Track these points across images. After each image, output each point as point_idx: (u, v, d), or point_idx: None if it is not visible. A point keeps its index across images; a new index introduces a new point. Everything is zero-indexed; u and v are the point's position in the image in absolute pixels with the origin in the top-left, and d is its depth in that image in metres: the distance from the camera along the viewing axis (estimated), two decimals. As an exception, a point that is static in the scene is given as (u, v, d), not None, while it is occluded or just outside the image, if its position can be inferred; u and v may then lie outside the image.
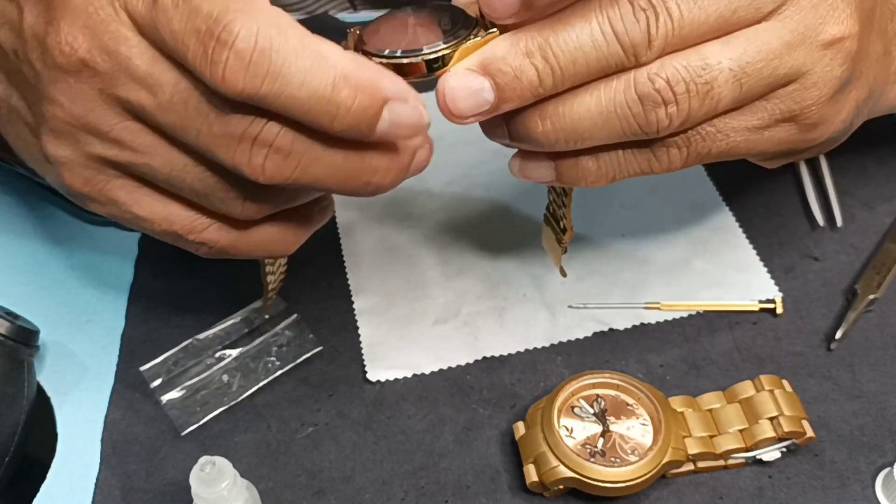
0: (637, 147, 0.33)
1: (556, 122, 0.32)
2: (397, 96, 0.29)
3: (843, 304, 0.46)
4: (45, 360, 0.47)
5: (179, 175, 0.32)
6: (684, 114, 0.31)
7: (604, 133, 0.32)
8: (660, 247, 0.50)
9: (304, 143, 0.29)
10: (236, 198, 0.32)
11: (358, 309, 0.48)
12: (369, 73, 0.29)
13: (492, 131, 0.34)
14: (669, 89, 0.31)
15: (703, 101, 0.31)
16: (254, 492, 0.39)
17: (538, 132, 0.32)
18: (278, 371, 0.45)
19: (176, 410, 0.44)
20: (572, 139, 0.32)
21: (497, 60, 0.30)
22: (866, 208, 0.51)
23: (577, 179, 0.34)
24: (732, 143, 0.33)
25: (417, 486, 0.41)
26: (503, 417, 0.43)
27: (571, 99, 0.31)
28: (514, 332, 0.46)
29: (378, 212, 0.53)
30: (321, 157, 0.30)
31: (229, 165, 0.30)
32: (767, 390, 0.40)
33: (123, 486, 0.41)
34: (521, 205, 0.53)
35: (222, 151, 0.30)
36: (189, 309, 0.49)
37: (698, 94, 0.31)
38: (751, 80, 0.31)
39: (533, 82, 0.30)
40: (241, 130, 0.29)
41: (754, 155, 0.35)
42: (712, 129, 0.33)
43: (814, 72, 0.32)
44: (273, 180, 0.30)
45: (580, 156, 0.34)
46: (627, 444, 0.39)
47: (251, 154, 0.29)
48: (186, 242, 0.34)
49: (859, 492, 0.39)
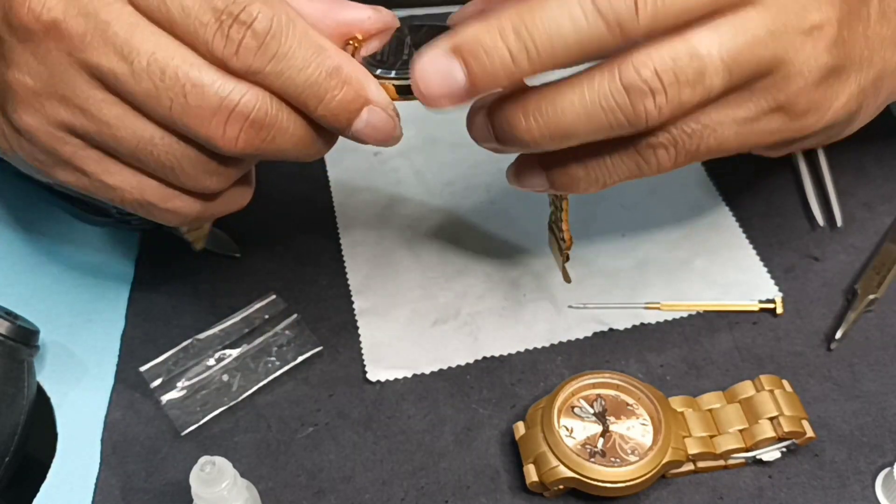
0: (624, 150, 0.33)
1: (539, 119, 0.31)
2: (379, 103, 0.33)
3: (843, 304, 0.46)
4: (45, 360, 0.47)
5: (146, 148, 0.32)
6: (674, 104, 0.30)
7: (589, 128, 0.31)
8: (660, 247, 0.50)
9: (276, 116, 0.31)
10: (203, 172, 0.33)
11: (358, 309, 0.48)
12: (359, 74, 0.32)
13: (478, 134, 0.34)
14: (657, 78, 0.29)
15: (693, 89, 0.30)
16: (254, 492, 0.39)
17: (522, 129, 0.31)
18: (278, 371, 0.45)
19: (176, 410, 0.44)
20: (557, 136, 0.31)
21: (468, 40, 0.30)
22: (866, 208, 0.51)
23: (569, 186, 0.34)
24: (722, 137, 0.32)
25: (417, 486, 0.41)
26: (503, 417, 0.43)
27: (554, 93, 0.31)
28: (514, 332, 0.46)
29: (378, 212, 0.53)
30: (288, 129, 0.32)
31: (201, 137, 0.31)
32: (767, 390, 0.40)
33: (123, 486, 0.41)
34: (521, 205, 0.53)
35: (195, 123, 0.31)
36: (189, 309, 0.49)
37: (689, 83, 0.30)
38: (739, 68, 0.30)
39: (506, 61, 0.29)
40: (218, 103, 0.30)
41: (748, 148, 0.35)
42: (698, 126, 0.32)
43: (796, 59, 0.31)
44: (244, 151, 0.32)
45: (568, 163, 0.33)
46: (627, 444, 0.39)
47: (226, 127, 0.31)
48: (158, 211, 0.35)
49: (859, 492, 0.39)
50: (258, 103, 0.31)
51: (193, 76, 0.30)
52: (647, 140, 0.32)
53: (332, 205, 0.54)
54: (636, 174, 0.33)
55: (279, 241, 0.52)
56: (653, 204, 0.52)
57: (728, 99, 0.32)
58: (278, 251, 0.52)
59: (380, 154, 0.57)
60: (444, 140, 0.58)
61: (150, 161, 0.32)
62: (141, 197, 0.34)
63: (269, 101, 0.31)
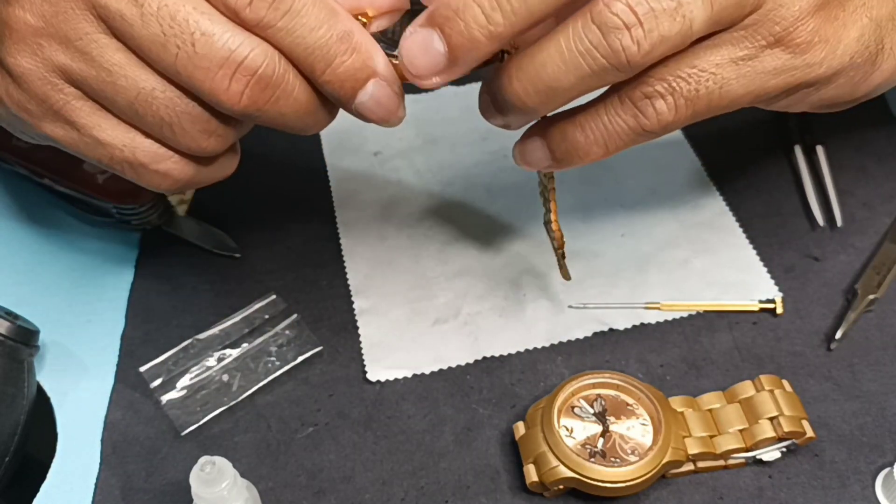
0: (620, 105, 0.31)
1: (522, 77, 0.30)
2: (386, 77, 0.32)
3: (843, 304, 0.46)
4: (45, 360, 0.47)
5: (146, 100, 0.31)
6: (654, 37, 0.29)
7: (574, 78, 0.30)
8: (660, 247, 0.50)
9: (283, 76, 0.31)
10: (201, 131, 0.32)
11: (358, 309, 0.48)
12: (368, 45, 0.31)
13: (482, 108, 0.34)
14: (630, 11, 0.28)
15: (672, 19, 0.28)
16: (254, 492, 0.39)
17: (510, 91, 0.31)
18: (278, 371, 0.45)
19: (176, 410, 0.44)
20: (543, 92, 0.30)
21: (440, 6, 0.30)
22: (866, 208, 0.51)
23: (572, 155, 0.33)
24: (724, 82, 0.31)
25: (417, 486, 0.41)
26: (503, 417, 0.43)
27: (535, 49, 0.30)
28: (514, 332, 0.46)
29: (378, 212, 0.53)
30: (292, 92, 0.31)
31: (205, 91, 0.30)
32: (767, 390, 0.40)
33: (123, 486, 0.41)
34: (521, 205, 0.53)
35: (200, 74, 0.30)
36: (189, 309, 0.49)
37: (666, 12, 0.28)
38: None
39: (480, 21, 0.29)
40: (226, 55, 0.29)
41: (760, 98, 0.32)
42: (694, 70, 0.30)
43: None
44: (246, 110, 0.31)
45: (566, 128, 0.33)
46: (627, 444, 0.39)
47: (231, 81, 0.30)
48: (148, 174, 0.33)
49: (859, 492, 0.39)
50: (266, 60, 0.30)
51: (204, 25, 0.29)
52: (640, 90, 0.31)
53: (332, 205, 0.54)
54: (639, 132, 0.32)
55: (279, 241, 0.52)
56: (653, 204, 0.52)
57: (721, 37, 0.31)
58: (278, 251, 0.52)
59: (380, 154, 0.57)
60: (444, 140, 0.58)
61: (147, 115, 0.31)
62: (132, 156, 0.32)
63: (277, 60, 0.30)
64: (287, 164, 0.56)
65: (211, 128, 0.32)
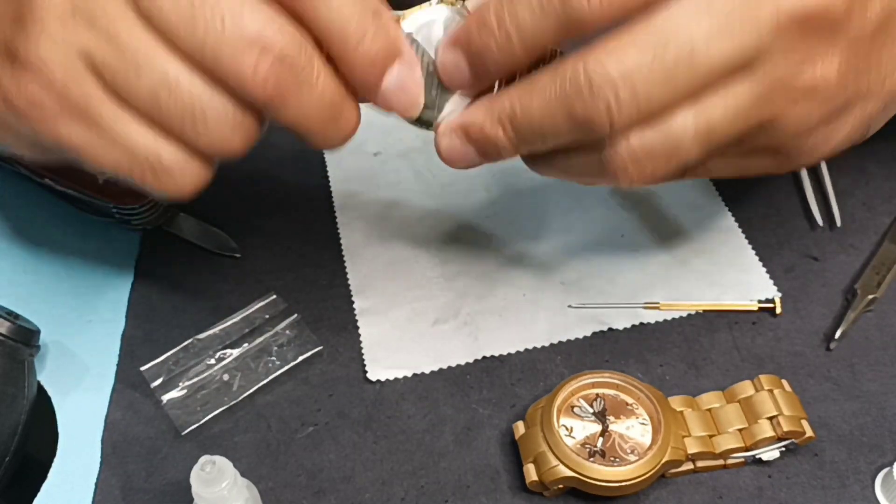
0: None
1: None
2: (408, 61, 0.32)
3: (843, 304, 0.47)
4: (45, 360, 0.47)
5: (169, 88, 0.30)
6: (647, 174, 0.31)
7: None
8: (660, 247, 0.50)
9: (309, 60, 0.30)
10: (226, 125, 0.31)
11: (358, 309, 0.48)
12: (394, 26, 0.32)
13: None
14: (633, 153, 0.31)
15: (669, 161, 0.30)
16: (254, 491, 0.39)
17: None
18: (278, 371, 0.45)
19: (176, 410, 0.44)
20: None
21: (475, 128, 0.34)
22: (866, 208, 0.51)
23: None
24: (714, 168, 0.33)
25: (417, 486, 0.41)
26: (503, 417, 0.43)
27: None
28: (514, 332, 0.46)
29: (378, 212, 0.53)
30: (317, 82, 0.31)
31: (231, 74, 0.29)
32: (767, 390, 0.40)
33: (123, 486, 0.41)
34: (522, 205, 0.53)
35: (228, 54, 0.29)
36: (189, 309, 0.49)
37: (664, 156, 0.30)
38: (719, 136, 0.30)
39: (504, 146, 0.33)
40: (256, 34, 0.29)
41: (736, 177, 0.35)
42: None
43: (788, 116, 0.31)
44: (271, 97, 0.30)
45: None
46: (627, 443, 0.39)
47: (258, 60, 0.29)
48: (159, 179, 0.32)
49: (859, 492, 0.39)
50: (294, 41, 0.30)
51: (234, 2, 0.29)
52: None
53: (332, 205, 0.54)
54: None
55: (279, 241, 0.52)
56: (653, 204, 0.53)
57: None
58: (278, 251, 0.52)
59: (380, 154, 0.57)
60: (443, 140, 0.58)
61: (170, 106, 0.30)
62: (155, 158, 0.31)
63: (305, 44, 0.30)
64: (287, 164, 0.56)
65: (237, 121, 0.31)
